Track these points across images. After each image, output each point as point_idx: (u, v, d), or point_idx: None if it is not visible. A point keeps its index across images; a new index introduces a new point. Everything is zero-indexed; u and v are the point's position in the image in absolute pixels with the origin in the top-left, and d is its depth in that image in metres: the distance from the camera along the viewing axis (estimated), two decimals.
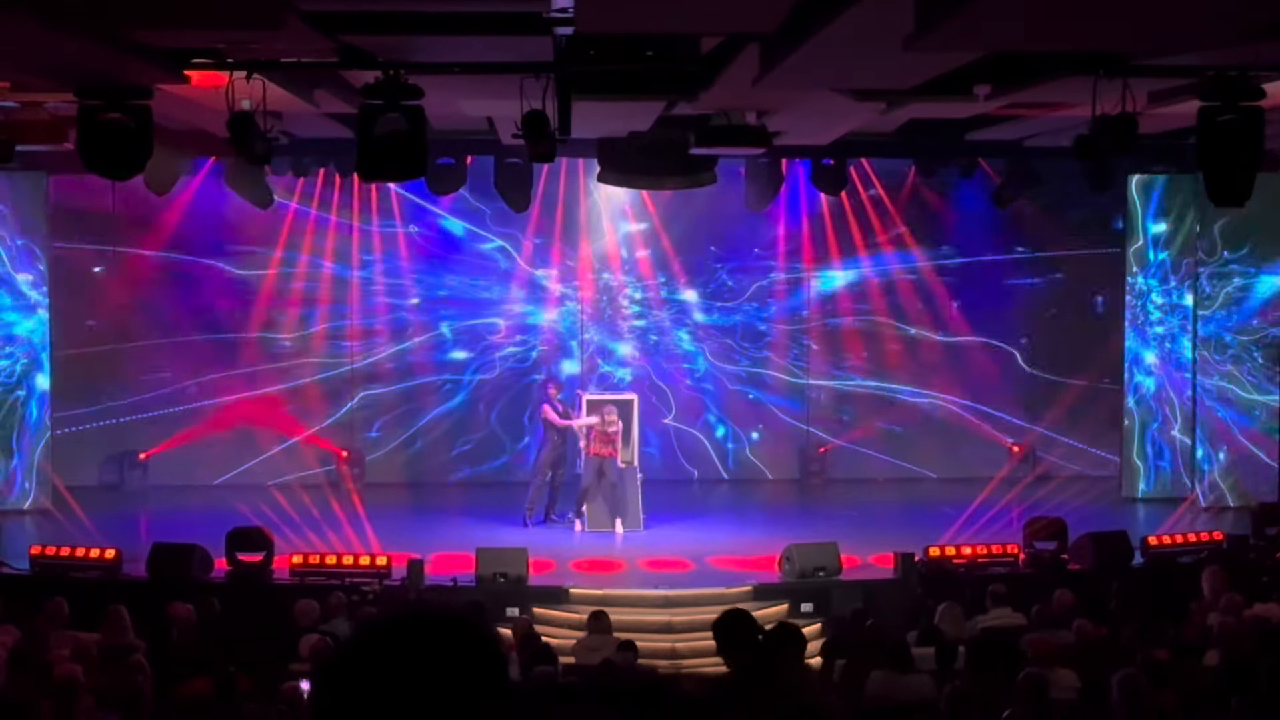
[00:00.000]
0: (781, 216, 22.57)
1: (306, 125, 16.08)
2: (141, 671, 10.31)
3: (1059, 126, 15.90)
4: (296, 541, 16.74)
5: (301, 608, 13.52)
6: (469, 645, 2.28)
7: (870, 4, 8.87)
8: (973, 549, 16.31)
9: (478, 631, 2.31)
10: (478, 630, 2.32)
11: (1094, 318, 22.50)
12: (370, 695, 2.22)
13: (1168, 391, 20.97)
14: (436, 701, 2.22)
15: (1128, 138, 12.52)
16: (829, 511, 20.48)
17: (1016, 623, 13.34)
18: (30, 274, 20.17)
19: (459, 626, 2.29)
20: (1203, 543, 16.84)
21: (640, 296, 22.92)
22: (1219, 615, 12.49)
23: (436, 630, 2.28)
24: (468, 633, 2.29)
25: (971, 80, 12.85)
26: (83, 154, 12.04)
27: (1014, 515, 18.55)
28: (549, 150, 13.17)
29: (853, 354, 23.25)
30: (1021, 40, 10.66)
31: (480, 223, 22.37)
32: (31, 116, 15.00)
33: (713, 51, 12.26)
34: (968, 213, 22.57)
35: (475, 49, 11.66)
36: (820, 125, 16.33)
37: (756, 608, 15.68)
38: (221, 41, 11.40)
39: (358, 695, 2.24)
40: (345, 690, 2.25)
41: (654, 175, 18.25)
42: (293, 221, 22.04)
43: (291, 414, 22.34)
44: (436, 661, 2.25)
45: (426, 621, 2.30)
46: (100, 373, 21.87)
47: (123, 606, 12.54)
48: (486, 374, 22.73)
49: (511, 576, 15.60)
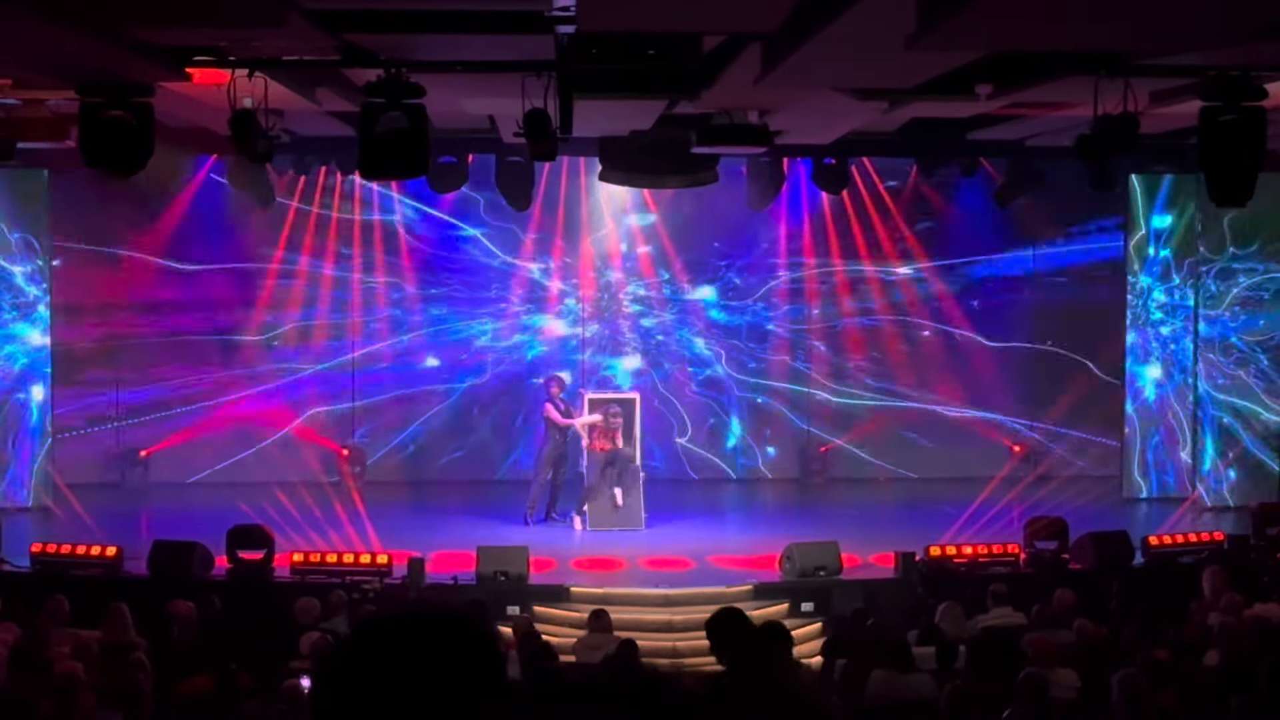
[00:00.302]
0: (783, 216, 22.56)
1: (308, 123, 16.08)
2: (142, 669, 10.32)
3: (1060, 126, 15.89)
4: (297, 539, 16.73)
5: (302, 606, 13.52)
6: (467, 644, 2.28)
7: (872, 3, 8.88)
8: (973, 549, 16.30)
9: (476, 630, 2.31)
10: (476, 629, 2.32)
11: (1095, 315, 22.40)
12: (369, 693, 2.23)
13: (1170, 402, 20.95)
14: (434, 700, 2.22)
15: (1129, 138, 12.53)
16: (830, 511, 20.47)
17: (1017, 622, 13.34)
18: (30, 272, 20.16)
19: (457, 625, 2.29)
20: (1203, 543, 16.83)
21: (642, 294, 22.91)
22: (1219, 615, 12.49)
23: (435, 629, 2.28)
24: (466, 631, 2.29)
25: (973, 80, 12.86)
26: (84, 152, 12.04)
27: (1015, 515, 18.55)
28: (550, 149, 13.17)
29: (854, 353, 23.23)
30: (1022, 40, 10.67)
31: (481, 221, 22.36)
32: (33, 114, 15.00)
33: (714, 50, 12.26)
34: (968, 211, 22.56)
35: (477, 47, 11.67)
36: (822, 124, 16.33)
37: (757, 607, 15.70)
38: (224, 39, 11.41)
39: (357, 693, 2.24)
40: (344, 688, 2.25)
41: (655, 174, 18.25)
42: (294, 220, 22.04)
43: (292, 412, 22.33)
44: (434, 660, 2.25)
45: (425, 620, 2.30)
46: (102, 371, 21.87)
47: (124, 604, 12.55)
48: (485, 372, 22.72)
49: (512, 575, 15.60)
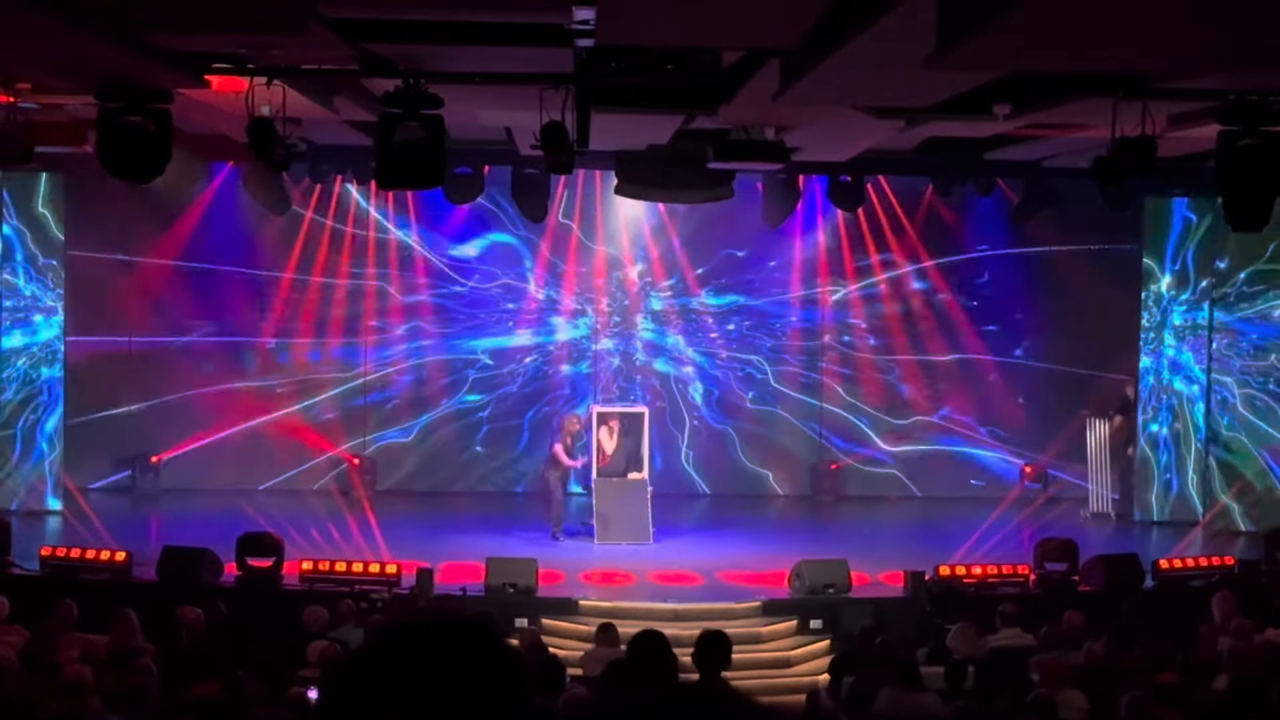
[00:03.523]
0: (798, 232, 22.54)
1: (325, 132, 16.12)
2: (149, 674, 10.31)
3: (1078, 148, 15.89)
4: (306, 548, 16.73)
5: (311, 614, 13.51)
6: (490, 652, 2.22)
7: (892, 22, 8.88)
8: (983, 569, 16.26)
9: (499, 642, 2.25)
10: (498, 641, 2.25)
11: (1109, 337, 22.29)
12: (390, 699, 2.17)
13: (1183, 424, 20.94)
14: (460, 707, 2.16)
15: (1147, 160, 12.51)
16: (840, 528, 20.45)
17: (1026, 643, 13.31)
18: (46, 276, 20.21)
19: (479, 632, 2.23)
20: (1214, 567, 16.79)
21: (655, 309, 22.91)
22: (1229, 640, 12.45)
23: (458, 635, 2.22)
24: (488, 639, 2.23)
25: (991, 100, 12.86)
26: (102, 157, 12.07)
27: (1025, 536, 18.52)
28: (567, 161, 13.19)
29: (867, 371, 23.21)
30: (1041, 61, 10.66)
31: (496, 234, 22.37)
32: (51, 118, 15.03)
33: (733, 66, 12.27)
34: (984, 231, 22.54)
35: (496, 59, 11.69)
36: (839, 142, 16.34)
37: (765, 623, 15.70)
38: (244, 46, 11.43)
39: (376, 699, 2.18)
40: (364, 693, 2.19)
41: (672, 188, 18.26)
42: (309, 228, 22.07)
43: (304, 420, 22.35)
44: (459, 667, 2.19)
45: (448, 626, 2.23)
46: (115, 375, 21.88)
47: (132, 609, 12.55)
48: (499, 384, 22.72)
49: (521, 587, 15.58)
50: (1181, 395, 20.97)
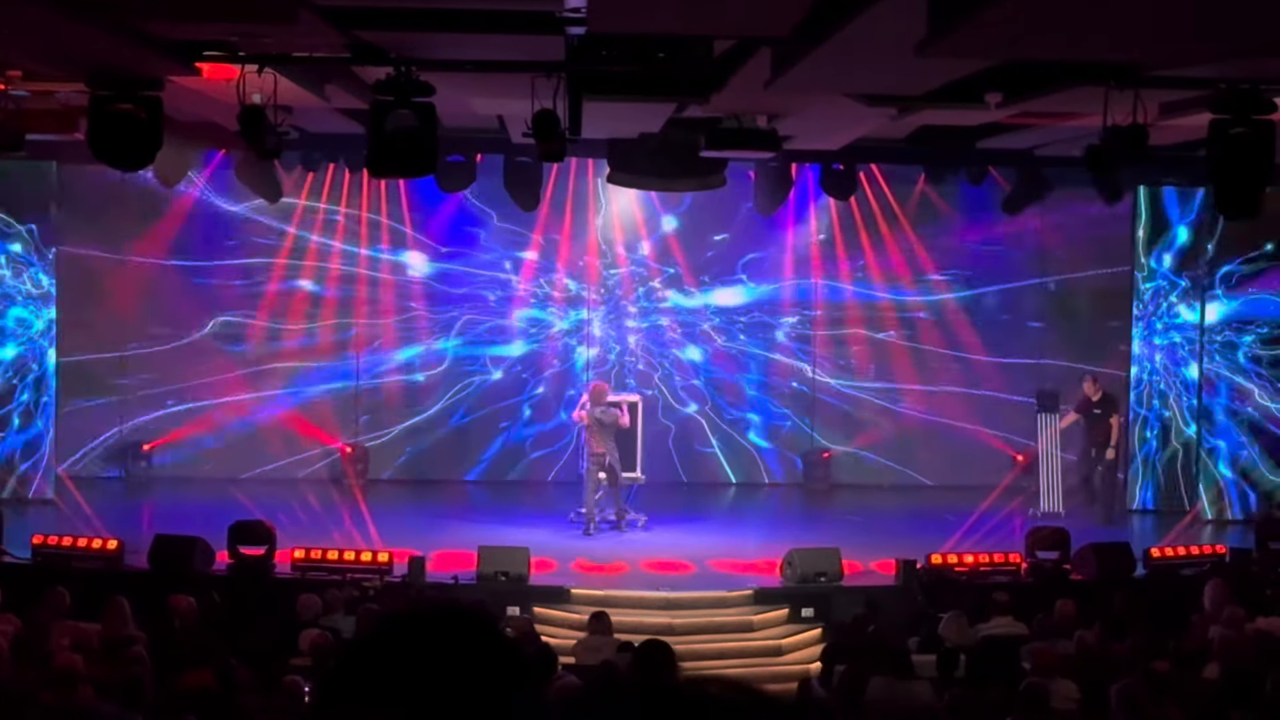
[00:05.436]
0: (790, 221, 22.53)
1: (317, 120, 16.09)
2: (142, 663, 10.32)
3: (1070, 136, 15.89)
4: (298, 536, 16.73)
5: (303, 602, 13.51)
6: (493, 645, 2.15)
7: (884, 9, 8.87)
8: (975, 557, 16.29)
9: (500, 633, 2.19)
10: (499, 631, 2.19)
11: (1101, 329, 22.29)
12: (385, 693, 2.12)
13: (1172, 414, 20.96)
14: (468, 696, 2.12)
15: (1138, 149, 12.51)
16: (831, 517, 20.47)
17: (1018, 632, 13.34)
18: (37, 263, 20.18)
19: (481, 625, 2.16)
20: (1205, 555, 16.83)
21: (647, 297, 22.90)
22: (1220, 628, 12.48)
23: (459, 627, 2.16)
24: (491, 632, 2.17)
25: (983, 88, 12.85)
26: (92, 144, 12.05)
27: (1017, 524, 18.55)
28: (559, 150, 13.16)
29: (859, 359, 23.21)
30: (1033, 48, 10.65)
31: (488, 222, 22.36)
32: (42, 105, 14.98)
33: (725, 54, 12.25)
34: (975, 220, 22.51)
35: (487, 47, 11.66)
36: (831, 130, 16.33)
37: (757, 611, 15.73)
38: (235, 34, 11.41)
39: (372, 692, 2.13)
40: (359, 686, 2.13)
41: (664, 177, 18.25)
42: (301, 216, 22.04)
43: (295, 409, 22.33)
44: (460, 660, 2.14)
45: (452, 614, 2.17)
46: (106, 364, 21.87)
47: (124, 597, 12.55)
48: (491, 372, 22.72)
49: (512, 575, 15.60)
50: (1172, 385, 20.98)
